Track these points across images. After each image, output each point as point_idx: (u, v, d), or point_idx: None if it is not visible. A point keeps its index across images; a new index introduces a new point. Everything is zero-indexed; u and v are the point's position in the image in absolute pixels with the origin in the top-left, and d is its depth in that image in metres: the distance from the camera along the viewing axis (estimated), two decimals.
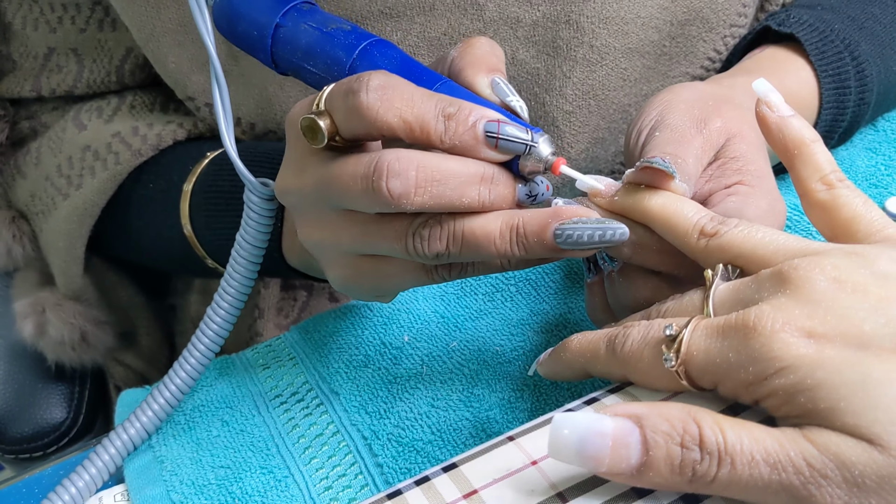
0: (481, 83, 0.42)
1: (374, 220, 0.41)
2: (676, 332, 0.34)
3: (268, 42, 0.45)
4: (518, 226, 0.39)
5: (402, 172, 0.38)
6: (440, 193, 0.38)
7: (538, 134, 0.39)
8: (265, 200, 0.49)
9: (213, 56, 0.46)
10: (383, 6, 0.56)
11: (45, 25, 0.66)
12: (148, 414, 0.51)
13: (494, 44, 0.44)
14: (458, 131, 0.38)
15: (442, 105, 0.39)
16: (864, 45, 0.57)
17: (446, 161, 0.38)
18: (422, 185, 0.38)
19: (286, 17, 0.45)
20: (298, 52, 0.44)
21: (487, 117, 0.39)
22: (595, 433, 0.32)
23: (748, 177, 0.43)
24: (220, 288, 0.51)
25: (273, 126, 0.62)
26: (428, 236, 0.39)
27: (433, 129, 0.38)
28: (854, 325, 0.31)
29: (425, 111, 0.38)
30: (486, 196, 0.39)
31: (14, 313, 0.75)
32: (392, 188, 0.38)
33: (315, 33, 0.44)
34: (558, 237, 0.38)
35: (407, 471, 0.47)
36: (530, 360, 0.51)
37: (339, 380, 0.53)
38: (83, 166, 0.66)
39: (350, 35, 0.43)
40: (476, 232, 0.39)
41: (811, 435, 0.30)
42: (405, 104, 0.38)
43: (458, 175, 0.38)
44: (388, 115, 0.38)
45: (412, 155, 0.38)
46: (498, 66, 0.43)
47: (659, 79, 0.61)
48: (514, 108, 0.41)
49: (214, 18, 0.47)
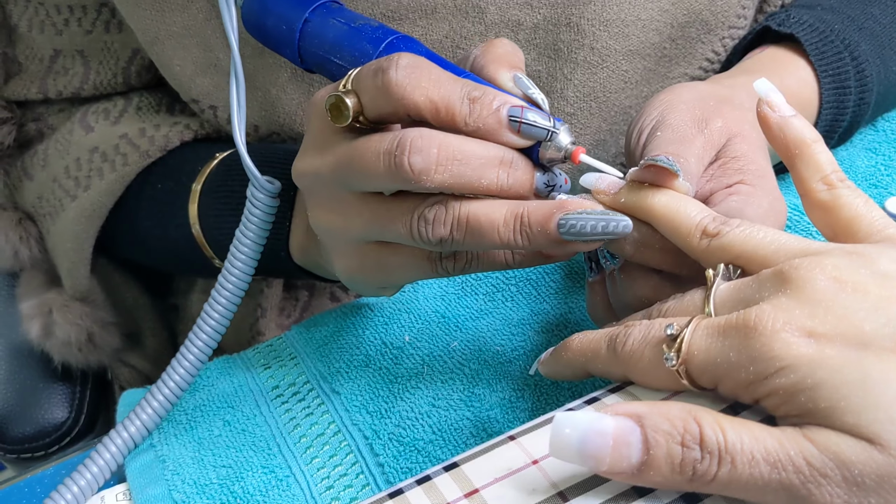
0: (504, 77, 0.42)
1: (385, 203, 0.41)
2: (677, 331, 0.34)
3: (296, 36, 0.47)
4: (522, 215, 0.39)
5: (424, 149, 0.38)
6: (460, 173, 0.39)
7: (560, 123, 0.40)
8: (268, 198, 0.50)
9: (235, 52, 0.47)
10: (385, 10, 0.56)
11: (51, 28, 0.66)
12: (148, 411, 0.51)
13: (515, 45, 0.45)
14: (483, 114, 0.39)
15: (468, 88, 0.39)
16: (863, 45, 0.57)
17: (468, 142, 0.39)
18: (443, 164, 0.38)
19: (315, 13, 0.46)
20: (326, 46, 0.46)
21: (511, 103, 0.40)
22: (596, 432, 0.32)
23: (749, 176, 0.43)
24: (218, 283, 0.51)
25: (276, 128, 0.62)
26: (433, 219, 0.40)
27: (458, 110, 0.39)
28: (854, 324, 0.31)
29: (451, 92, 0.39)
30: (504, 180, 0.40)
31: (18, 313, 0.75)
32: (414, 163, 0.38)
33: (343, 28, 0.45)
34: (562, 227, 0.39)
35: (408, 470, 0.47)
36: (531, 359, 0.51)
37: (341, 379, 0.53)
38: (91, 168, 0.67)
39: (377, 30, 0.45)
40: (480, 218, 0.39)
41: (811, 434, 0.30)
42: (432, 84, 0.39)
43: (479, 157, 0.39)
44: (416, 93, 0.39)
45: (434, 134, 0.39)
46: (519, 65, 0.43)
47: (659, 80, 0.61)
48: (535, 99, 0.41)
49: (243, 15, 0.49)
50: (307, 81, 0.59)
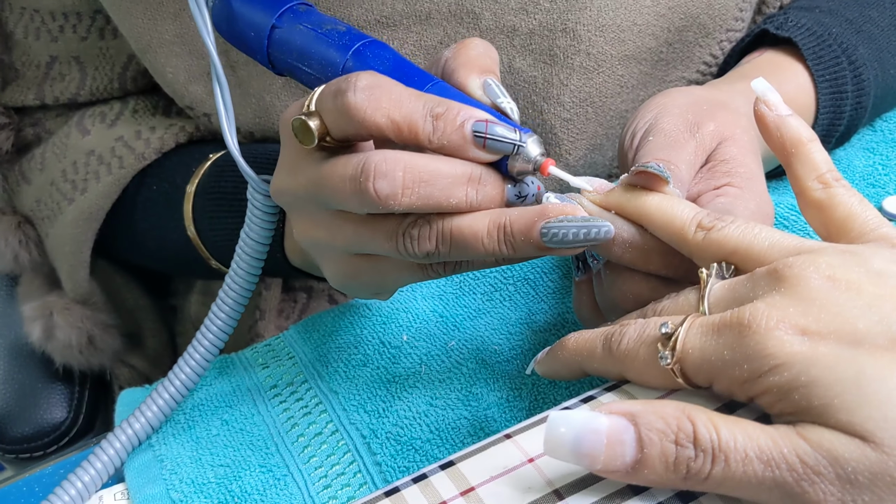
0: (473, 84, 0.42)
1: (366, 221, 0.41)
2: (672, 330, 0.34)
3: (264, 43, 0.45)
4: (505, 224, 0.39)
5: (388, 173, 0.38)
6: (428, 194, 0.38)
7: (527, 134, 0.39)
8: (268, 197, 0.50)
9: (212, 54, 0.46)
10: (379, 15, 0.56)
11: (47, 34, 0.66)
12: (151, 411, 0.51)
13: (489, 45, 0.44)
14: (447, 131, 0.38)
15: (430, 105, 0.39)
16: (861, 49, 0.57)
17: (434, 162, 0.38)
18: (409, 186, 0.38)
19: (282, 18, 0.45)
20: (294, 53, 0.44)
21: (475, 117, 0.39)
22: (590, 431, 0.32)
23: (737, 179, 0.43)
24: (225, 285, 0.51)
25: (271, 134, 0.62)
26: (417, 236, 0.40)
27: (421, 128, 0.38)
28: (848, 322, 0.31)
29: (413, 111, 0.38)
30: (473, 196, 0.39)
31: (17, 314, 0.75)
32: (379, 189, 0.38)
33: (310, 34, 0.44)
34: (544, 236, 0.38)
35: (405, 469, 0.47)
36: (528, 359, 0.51)
37: (338, 379, 0.53)
38: (88, 171, 0.67)
39: (344, 36, 0.44)
40: (464, 231, 0.39)
41: (805, 432, 0.30)
42: (393, 104, 0.38)
43: (445, 176, 0.39)
44: (376, 115, 0.38)
45: (399, 156, 0.38)
46: (491, 68, 0.43)
47: (656, 84, 0.61)
48: (504, 109, 0.41)
49: (214, 19, 0.48)
50: (301, 87, 0.59)
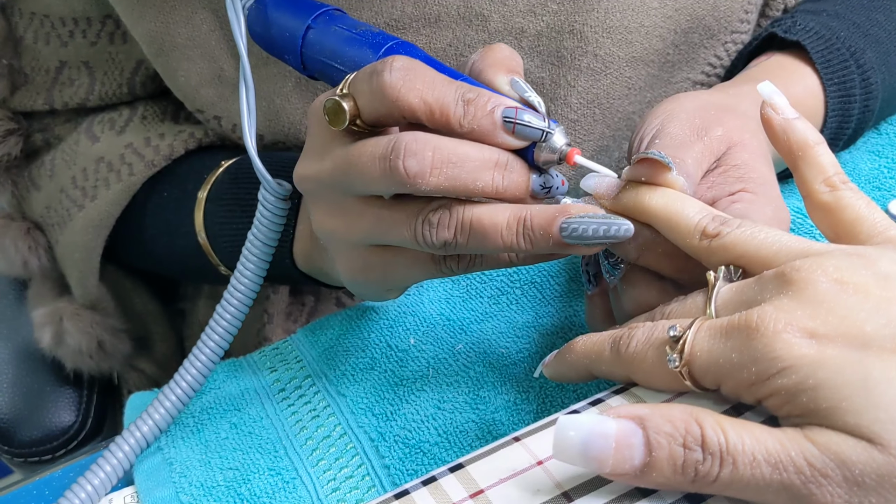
0: (500, 81, 0.42)
1: (388, 206, 0.42)
2: (680, 332, 0.35)
3: (299, 43, 0.47)
4: (526, 218, 0.39)
5: (419, 152, 0.38)
6: (455, 176, 0.39)
7: (555, 124, 0.40)
8: (279, 200, 0.51)
9: (243, 57, 0.48)
10: (389, 18, 0.57)
11: (57, 40, 0.66)
12: (159, 414, 0.51)
13: (514, 51, 0.45)
14: (477, 115, 0.39)
15: (462, 90, 0.40)
16: (868, 52, 0.57)
17: (462, 145, 0.39)
18: (437, 167, 0.39)
19: (317, 21, 0.47)
20: (327, 52, 0.46)
21: (506, 104, 0.40)
22: (598, 435, 0.32)
23: (751, 184, 0.43)
24: (230, 286, 0.51)
25: (281, 137, 0.63)
26: (437, 223, 0.40)
27: (452, 112, 0.39)
28: (855, 325, 0.31)
29: (446, 94, 0.39)
30: (499, 182, 0.40)
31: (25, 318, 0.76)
32: (409, 167, 0.38)
33: (344, 34, 0.46)
34: (564, 231, 0.39)
35: (414, 472, 0.47)
36: (536, 362, 0.52)
37: (346, 382, 0.53)
38: (97, 178, 0.67)
39: (377, 36, 0.45)
40: (484, 222, 0.40)
41: (812, 434, 0.30)
42: (426, 86, 0.39)
43: (473, 159, 0.39)
44: (410, 95, 0.39)
45: (429, 137, 0.39)
46: (517, 69, 0.43)
47: (662, 86, 0.61)
48: (532, 102, 0.41)
49: (249, 23, 0.50)
50: (311, 91, 0.60)
